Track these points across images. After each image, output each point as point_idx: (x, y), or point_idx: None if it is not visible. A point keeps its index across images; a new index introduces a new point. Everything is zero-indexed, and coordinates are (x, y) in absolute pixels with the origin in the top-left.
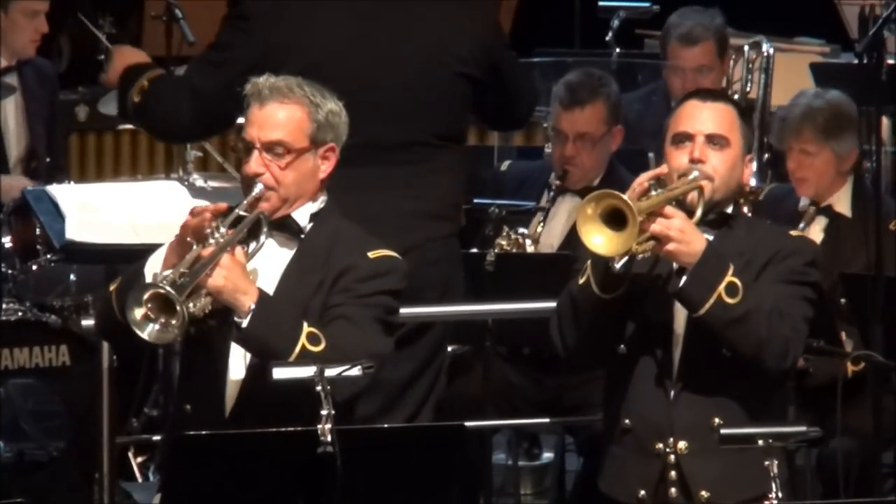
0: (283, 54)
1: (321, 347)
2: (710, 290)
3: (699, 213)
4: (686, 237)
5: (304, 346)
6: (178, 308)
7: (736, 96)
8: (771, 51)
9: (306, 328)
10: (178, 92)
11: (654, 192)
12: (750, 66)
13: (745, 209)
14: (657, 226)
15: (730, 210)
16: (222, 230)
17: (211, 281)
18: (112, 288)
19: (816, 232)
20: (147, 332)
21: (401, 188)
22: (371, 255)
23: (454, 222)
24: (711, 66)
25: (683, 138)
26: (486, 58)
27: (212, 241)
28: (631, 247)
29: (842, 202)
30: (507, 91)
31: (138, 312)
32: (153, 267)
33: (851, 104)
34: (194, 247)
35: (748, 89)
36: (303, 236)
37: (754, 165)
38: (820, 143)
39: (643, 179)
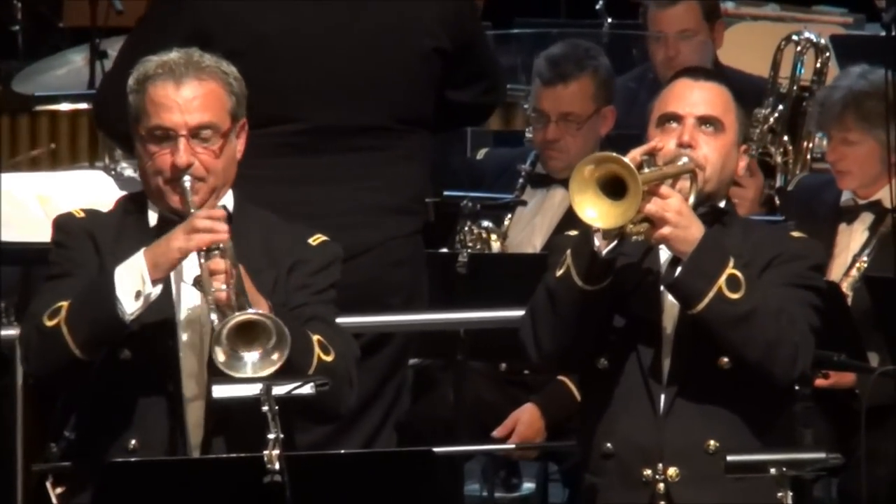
0: (225, 27)
1: (332, 357)
2: (709, 283)
3: (691, 203)
4: (683, 221)
5: (319, 358)
6: (271, 327)
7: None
8: (823, 41)
9: (315, 338)
10: (115, 81)
11: (645, 170)
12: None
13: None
14: (652, 206)
15: (722, 205)
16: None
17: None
18: (56, 320)
19: (860, 231)
20: (249, 369)
21: (358, 179)
22: (312, 242)
23: (419, 217)
24: (696, 29)
25: (671, 119)
26: (458, 28)
27: (216, 250)
28: (628, 222)
29: (887, 197)
30: (483, 67)
31: (221, 353)
32: (129, 284)
33: None
34: (201, 259)
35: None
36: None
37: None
38: (864, 130)
39: (636, 153)
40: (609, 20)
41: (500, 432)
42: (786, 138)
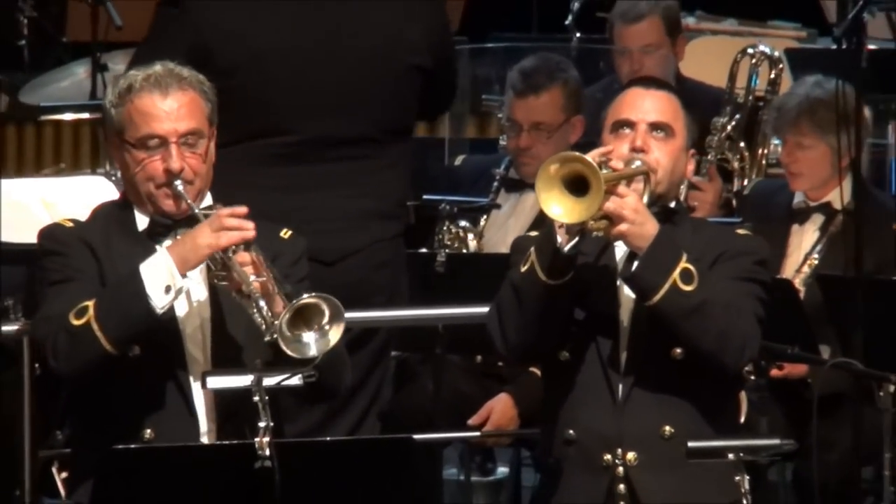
0: (223, 43)
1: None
2: (664, 276)
3: (645, 202)
4: (640, 218)
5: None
6: (325, 305)
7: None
8: (777, 53)
9: None
10: None
11: (603, 171)
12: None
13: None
14: (611, 204)
15: (673, 205)
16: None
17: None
18: (84, 319)
19: (811, 231)
20: (314, 348)
21: (347, 187)
22: (283, 235)
23: (401, 221)
24: (659, 44)
25: (624, 125)
26: (439, 47)
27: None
28: (591, 217)
29: (837, 200)
30: (452, 80)
31: (284, 340)
32: (158, 280)
33: (852, 95)
34: (229, 253)
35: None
36: None
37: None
38: (817, 136)
39: (594, 155)
40: (578, 35)
41: (475, 420)
42: (742, 145)
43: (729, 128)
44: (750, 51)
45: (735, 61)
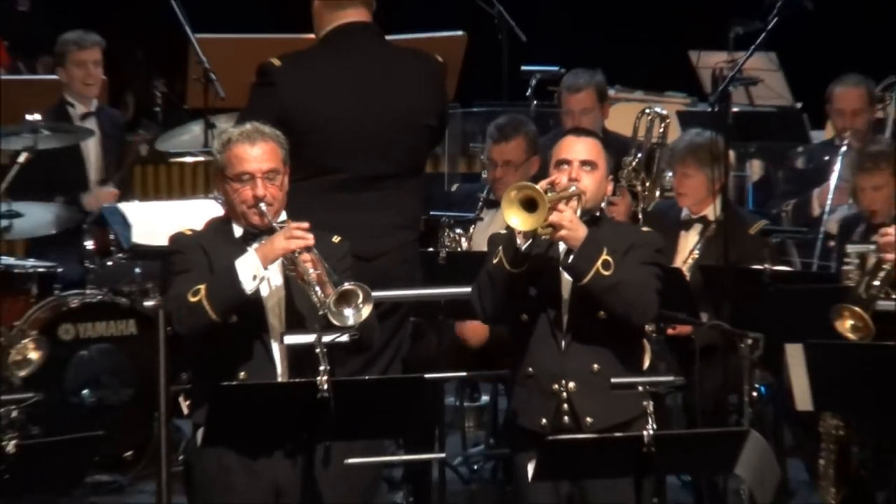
0: (304, 112)
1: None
2: (591, 265)
3: (577, 214)
4: (574, 226)
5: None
6: (359, 291)
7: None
8: (665, 112)
9: None
10: None
11: (548, 194)
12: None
13: (640, 216)
14: (554, 216)
15: (598, 214)
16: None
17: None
18: (198, 297)
19: (693, 235)
20: (351, 319)
21: (379, 207)
22: (333, 240)
23: (417, 231)
24: (592, 108)
25: (563, 163)
26: (441, 115)
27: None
28: (539, 226)
29: (711, 213)
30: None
31: (332, 313)
32: (247, 270)
33: (721, 141)
34: (296, 254)
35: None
36: None
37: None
38: (697, 168)
39: (542, 184)
40: (535, 102)
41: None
42: (643, 175)
43: (634, 163)
44: (647, 111)
45: (637, 118)
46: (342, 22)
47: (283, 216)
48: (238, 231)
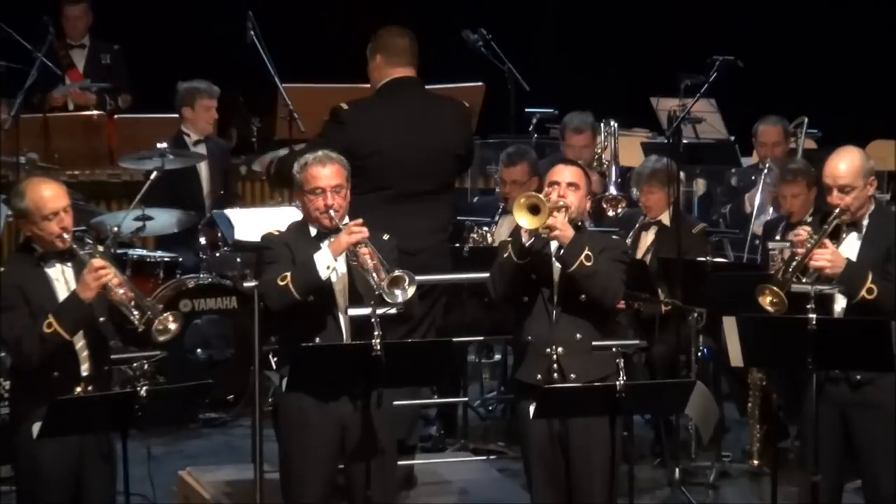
0: (363, 143)
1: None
2: (576, 258)
3: (566, 220)
4: (564, 228)
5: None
6: (406, 276)
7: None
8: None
9: None
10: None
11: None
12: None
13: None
14: (550, 221)
15: (580, 224)
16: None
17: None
18: (285, 282)
19: (651, 235)
20: (400, 298)
21: (420, 215)
22: (384, 238)
23: (448, 232)
24: (589, 144)
25: (555, 183)
26: (468, 146)
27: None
28: (540, 226)
29: (666, 219)
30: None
31: (386, 293)
32: (323, 262)
33: (675, 166)
34: (357, 248)
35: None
36: None
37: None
38: (658, 187)
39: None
40: (535, 135)
41: None
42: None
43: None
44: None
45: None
46: (394, 76)
47: (346, 220)
48: (313, 231)
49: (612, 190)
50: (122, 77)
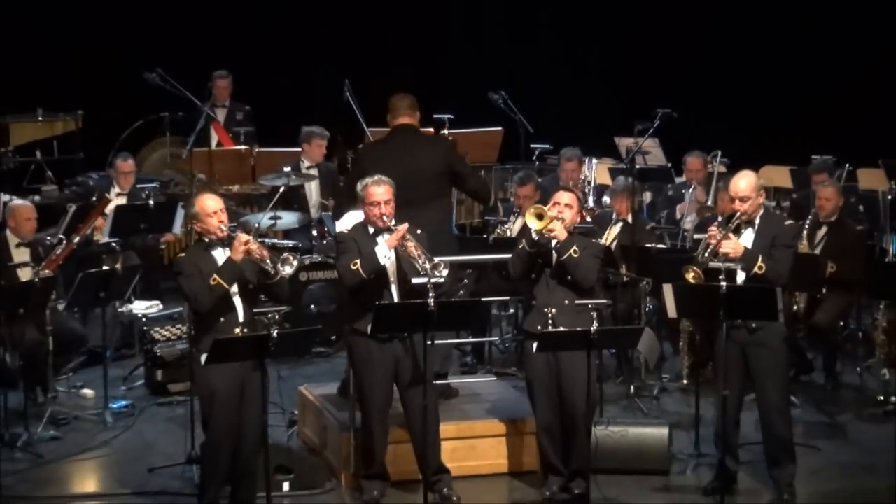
0: (369, 169)
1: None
2: (567, 251)
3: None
4: (561, 231)
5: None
6: (440, 263)
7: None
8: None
9: None
10: (347, 185)
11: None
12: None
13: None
14: (552, 226)
15: (572, 229)
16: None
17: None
18: (356, 266)
19: (617, 228)
20: (445, 274)
21: (415, 217)
22: (419, 232)
23: (441, 226)
24: (577, 169)
25: (556, 203)
26: (450, 165)
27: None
28: (544, 228)
29: (629, 218)
30: (465, 180)
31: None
32: (381, 252)
33: (633, 183)
34: (402, 241)
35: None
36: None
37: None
38: (624, 197)
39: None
40: (537, 163)
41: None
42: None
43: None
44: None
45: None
46: (397, 123)
47: (393, 222)
48: (371, 230)
49: (590, 203)
50: (249, 127)
